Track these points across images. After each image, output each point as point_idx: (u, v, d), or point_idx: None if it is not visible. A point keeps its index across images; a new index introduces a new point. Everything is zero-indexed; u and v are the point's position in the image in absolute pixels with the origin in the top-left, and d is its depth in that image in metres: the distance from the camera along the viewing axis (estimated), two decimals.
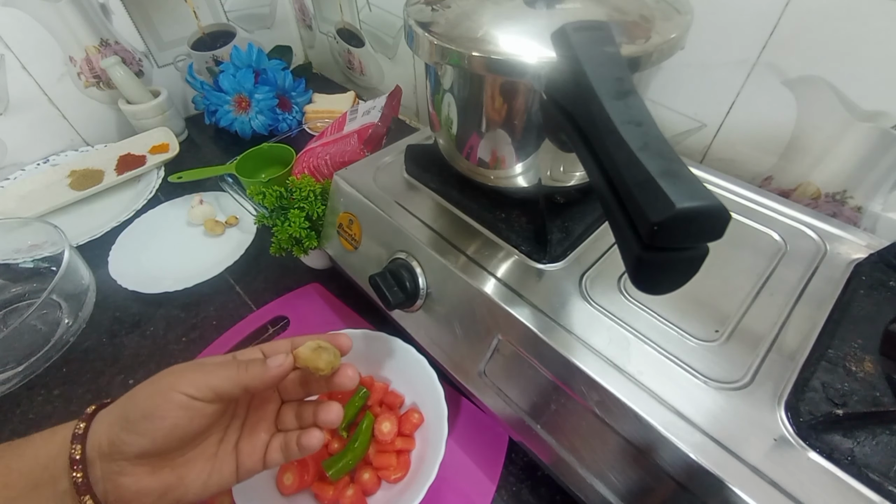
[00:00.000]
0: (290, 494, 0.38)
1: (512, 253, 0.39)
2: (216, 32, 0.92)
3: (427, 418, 0.42)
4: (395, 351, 0.44)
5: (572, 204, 0.41)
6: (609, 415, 0.30)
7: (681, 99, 0.51)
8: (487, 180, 0.40)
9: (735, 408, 0.28)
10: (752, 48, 0.43)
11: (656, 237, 0.19)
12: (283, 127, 0.85)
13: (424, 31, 0.32)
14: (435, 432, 0.39)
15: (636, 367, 0.30)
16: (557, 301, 0.34)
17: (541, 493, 0.41)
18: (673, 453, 0.27)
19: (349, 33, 0.90)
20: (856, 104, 0.40)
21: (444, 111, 0.38)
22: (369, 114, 0.63)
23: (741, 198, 0.43)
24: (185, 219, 0.70)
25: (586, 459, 0.32)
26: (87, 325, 0.56)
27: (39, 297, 0.47)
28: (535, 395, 0.34)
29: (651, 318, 0.33)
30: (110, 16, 0.78)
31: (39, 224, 0.58)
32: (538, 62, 0.28)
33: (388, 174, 0.49)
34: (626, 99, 0.22)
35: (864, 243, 0.38)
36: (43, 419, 0.48)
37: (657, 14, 0.31)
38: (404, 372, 0.44)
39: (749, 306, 0.33)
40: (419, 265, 0.41)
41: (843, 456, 0.25)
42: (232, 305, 0.58)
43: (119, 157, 0.78)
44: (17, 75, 0.72)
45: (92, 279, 0.57)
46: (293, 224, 0.50)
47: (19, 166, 0.78)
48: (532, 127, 0.34)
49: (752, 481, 0.25)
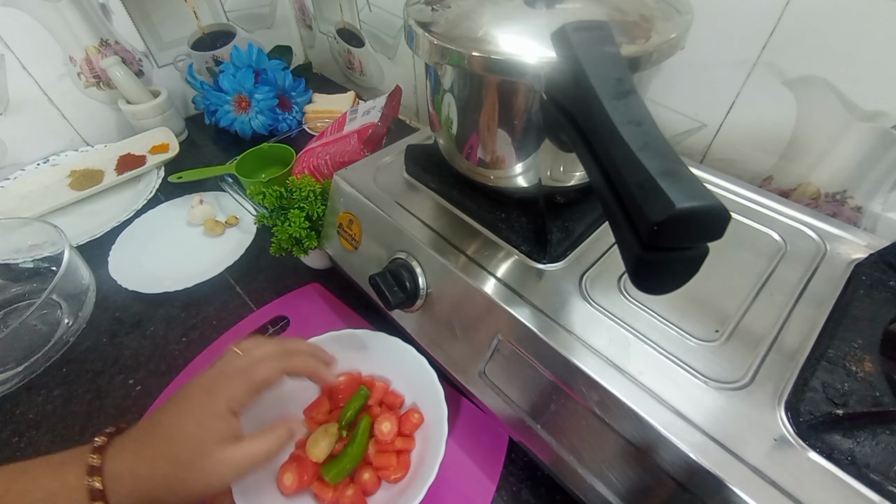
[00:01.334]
0: (290, 495, 0.38)
1: (512, 253, 0.39)
2: (216, 32, 0.92)
3: (427, 418, 0.42)
4: (395, 351, 0.44)
5: (572, 204, 0.41)
6: (609, 415, 0.30)
7: (681, 99, 0.51)
8: (487, 180, 0.40)
9: (735, 408, 0.28)
10: (752, 48, 0.43)
11: (656, 237, 0.19)
12: (283, 127, 0.85)
13: (424, 31, 0.32)
14: (435, 432, 0.39)
15: (636, 367, 0.30)
16: (557, 301, 0.34)
17: (541, 493, 0.41)
18: (673, 453, 0.27)
19: (349, 33, 0.90)
20: (856, 104, 0.40)
21: (444, 111, 0.38)
22: (369, 114, 0.63)
23: (741, 198, 0.43)
24: (185, 219, 0.70)
25: (586, 459, 0.32)
26: (87, 325, 0.56)
27: (39, 297, 0.47)
28: (535, 395, 0.34)
29: (651, 318, 0.33)
30: (110, 16, 0.78)
31: (39, 224, 0.58)
32: (538, 62, 0.28)
33: (388, 174, 0.49)
34: (626, 99, 0.22)
35: (864, 243, 0.38)
36: (43, 419, 0.48)
37: (657, 14, 0.31)
38: (404, 372, 0.44)
39: (749, 306, 0.33)
40: (419, 265, 0.41)
41: (843, 456, 0.25)
42: (232, 305, 0.58)
43: (119, 157, 0.78)
44: (18, 75, 0.72)
45: (92, 279, 0.57)
46: (293, 224, 0.50)
47: (19, 166, 0.78)
48: (532, 127, 0.34)
49: (752, 481, 0.25)
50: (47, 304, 0.52)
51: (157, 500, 0.29)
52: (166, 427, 0.31)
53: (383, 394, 0.44)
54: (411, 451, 0.41)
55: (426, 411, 0.42)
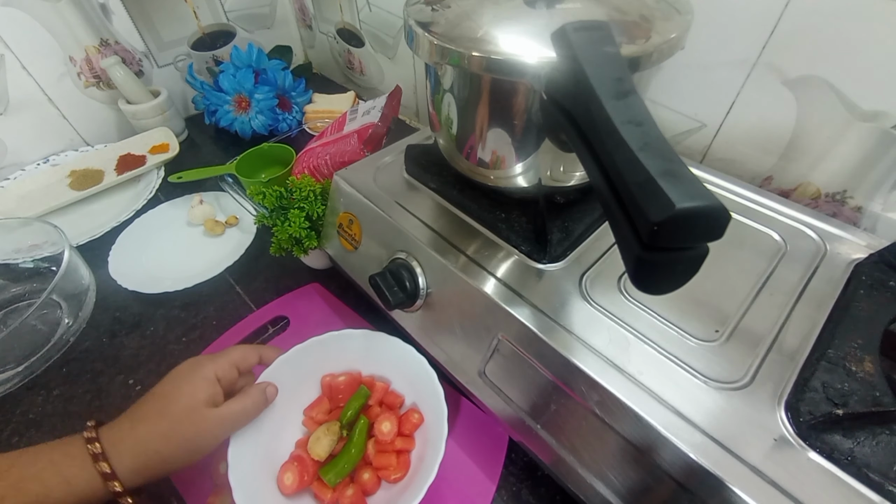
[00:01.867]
0: (290, 495, 0.38)
1: (512, 253, 0.39)
2: (216, 32, 0.92)
3: (427, 418, 0.42)
4: (394, 350, 0.44)
5: (572, 204, 0.41)
6: (609, 415, 0.30)
7: (681, 99, 0.51)
8: (487, 180, 0.40)
9: (735, 408, 0.28)
10: (752, 48, 0.43)
11: (656, 237, 0.19)
12: (283, 127, 0.85)
13: (424, 31, 0.32)
14: (435, 432, 0.39)
15: (636, 367, 0.30)
16: (557, 301, 0.34)
17: (541, 493, 0.41)
18: (673, 453, 0.27)
19: (349, 33, 0.90)
20: (856, 104, 0.40)
21: (444, 111, 0.38)
22: (369, 114, 0.63)
23: (741, 198, 0.43)
24: (185, 219, 0.70)
25: (586, 459, 0.32)
26: (87, 325, 0.56)
27: (39, 297, 0.47)
28: (535, 395, 0.34)
29: (651, 318, 0.33)
30: (110, 16, 0.78)
31: (39, 224, 0.58)
32: (538, 62, 0.28)
33: (388, 174, 0.49)
34: (626, 99, 0.22)
35: (864, 243, 0.38)
36: (43, 419, 0.48)
37: (657, 14, 0.31)
38: (404, 372, 0.44)
39: (749, 306, 0.33)
40: (419, 265, 0.41)
41: (843, 456, 0.25)
42: (232, 305, 0.58)
43: (119, 157, 0.78)
44: (17, 75, 0.72)
45: (92, 279, 0.57)
46: (293, 224, 0.50)
47: (19, 166, 0.78)
48: (532, 127, 0.34)
49: (752, 481, 0.25)
50: (47, 303, 0.52)
51: (156, 453, 0.33)
52: (160, 395, 0.36)
53: (383, 394, 0.44)
54: (411, 450, 0.41)
55: (426, 411, 0.42)
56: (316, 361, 0.45)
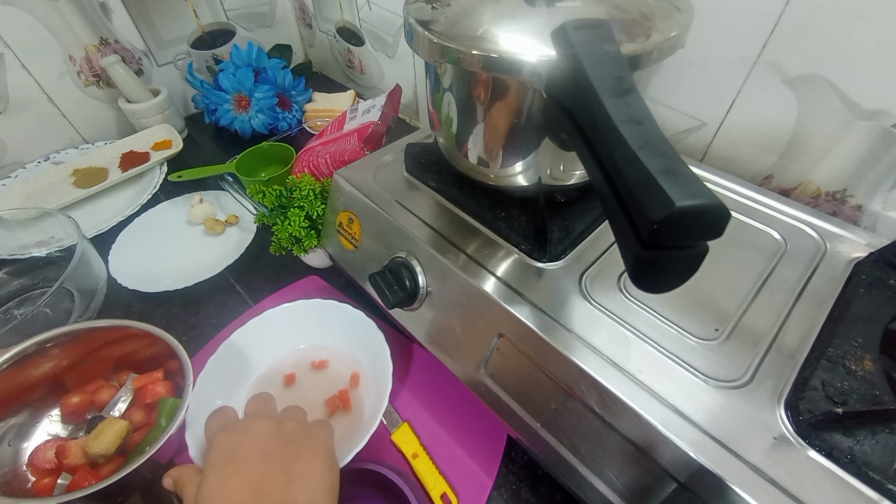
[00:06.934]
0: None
1: (512, 252, 0.39)
2: (216, 31, 0.92)
3: (373, 374, 0.46)
4: (348, 318, 0.49)
5: (572, 202, 0.41)
6: (609, 413, 0.30)
7: (681, 97, 0.51)
8: (487, 179, 0.40)
9: (735, 406, 0.28)
10: (752, 46, 0.43)
11: (656, 235, 0.19)
12: (282, 126, 0.85)
13: (424, 29, 0.32)
14: (380, 388, 0.43)
15: (636, 365, 0.30)
16: (557, 300, 0.34)
17: (540, 492, 0.41)
18: (673, 452, 0.27)
19: (349, 32, 0.90)
20: (856, 103, 0.40)
21: (443, 110, 0.38)
22: (369, 112, 0.63)
23: (741, 196, 0.43)
24: (185, 218, 0.70)
25: (586, 458, 0.32)
26: None
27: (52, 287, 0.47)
28: (534, 393, 0.34)
29: (651, 316, 0.33)
30: (110, 14, 0.78)
31: (54, 216, 0.59)
32: (538, 60, 0.28)
33: (388, 173, 0.49)
34: (626, 97, 0.22)
35: (865, 242, 0.38)
36: None
37: (657, 12, 0.31)
38: (357, 338, 0.49)
39: (749, 305, 0.33)
40: (419, 264, 0.41)
41: (843, 454, 0.25)
42: (232, 304, 0.58)
43: (122, 155, 0.78)
44: (17, 74, 0.72)
45: (103, 270, 0.57)
46: (293, 223, 0.50)
47: (20, 165, 0.78)
48: (532, 126, 0.34)
49: (752, 480, 0.25)
50: (60, 293, 0.52)
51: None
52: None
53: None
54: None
55: (375, 370, 0.46)
56: (262, 339, 0.49)
